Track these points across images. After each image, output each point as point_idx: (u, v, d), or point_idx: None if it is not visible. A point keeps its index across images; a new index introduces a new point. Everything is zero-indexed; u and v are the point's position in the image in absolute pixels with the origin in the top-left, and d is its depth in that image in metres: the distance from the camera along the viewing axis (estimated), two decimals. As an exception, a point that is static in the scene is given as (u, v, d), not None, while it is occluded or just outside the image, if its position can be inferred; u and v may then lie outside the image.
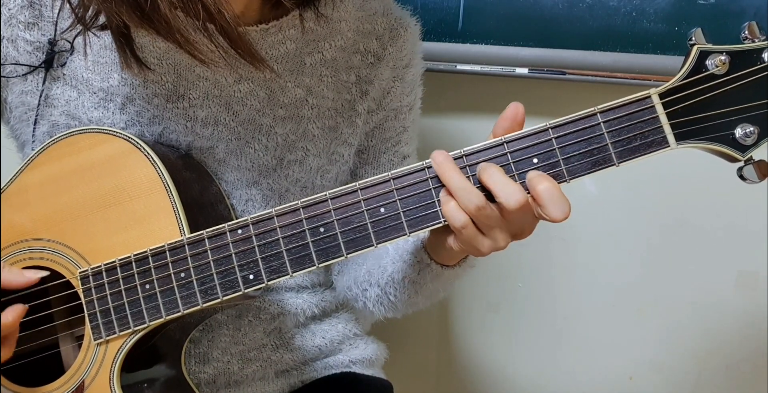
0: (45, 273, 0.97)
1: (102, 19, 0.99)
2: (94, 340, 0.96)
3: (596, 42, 1.38)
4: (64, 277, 0.99)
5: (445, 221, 0.86)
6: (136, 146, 0.97)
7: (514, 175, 0.84)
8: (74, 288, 0.98)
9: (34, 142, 1.07)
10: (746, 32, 0.81)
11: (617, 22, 1.36)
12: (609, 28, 1.37)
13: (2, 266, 0.96)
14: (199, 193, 1.01)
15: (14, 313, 0.94)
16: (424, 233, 0.96)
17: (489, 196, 0.83)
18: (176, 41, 0.91)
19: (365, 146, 1.19)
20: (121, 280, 0.95)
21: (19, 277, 0.96)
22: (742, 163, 0.83)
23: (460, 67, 1.45)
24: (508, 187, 0.82)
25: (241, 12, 1.02)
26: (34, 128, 1.06)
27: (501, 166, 0.85)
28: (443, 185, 0.85)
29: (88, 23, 0.99)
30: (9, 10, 1.03)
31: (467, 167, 0.85)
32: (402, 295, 1.09)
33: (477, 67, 1.45)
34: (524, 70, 1.43)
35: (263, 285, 0.90)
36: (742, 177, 0.84)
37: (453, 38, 1.44)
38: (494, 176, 0.83)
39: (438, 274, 1.00)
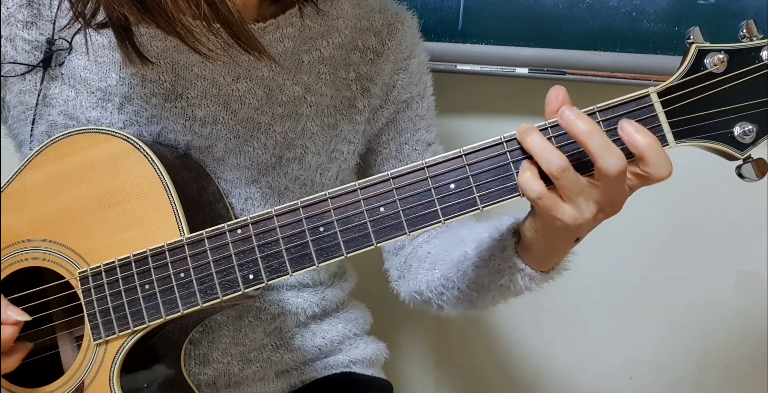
0: (27, 317, 0.95)
1: (101, 15, 0.99)
2: (94, 340, 0.96)
3: (596, 42, 1.38)
4: (63, 278, 0.99)
5: (519, 195, 0.84)
6: (134, 146, 0.97)
7: (513, 173, 0.84)
8: (73, 288, 0.98)
9: (32, 141, 1.07)
10: (744, 31, 0.81)
11: (617, 22, 1.36)
12: (609, 28, 1.37)
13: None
14: (197, 192, 1.01)
15: (10, 330, 0.94)
16: (509, 235, 0.95)
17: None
18: (177, 34, 0.91)
19: (383, 141, 1.20)
20: (120, 281, 0.95)
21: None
22: (740, 162, 0.83)
23: (460, 67, 1.45)
24: (611, 151, 0.79)
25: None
26: (32, 128, 1.06)
27: (500, 166, 0.84)
28: (446, 183, 0.85)
29: (87, 19, 0.99)
30: (7, 8, 1.03)
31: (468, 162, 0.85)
32: (485, 300, 1.07)
33: (477, 67, 1.45)
34: (524, 70, 1.43)
35: (263, 284, 0.90)
36: (740, 175, 0.84)
37: (453, 38, 1.44)
38: (594, 136, 0.79)
39: (531, 279, 0.97)
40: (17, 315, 0.95)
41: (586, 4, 1.36)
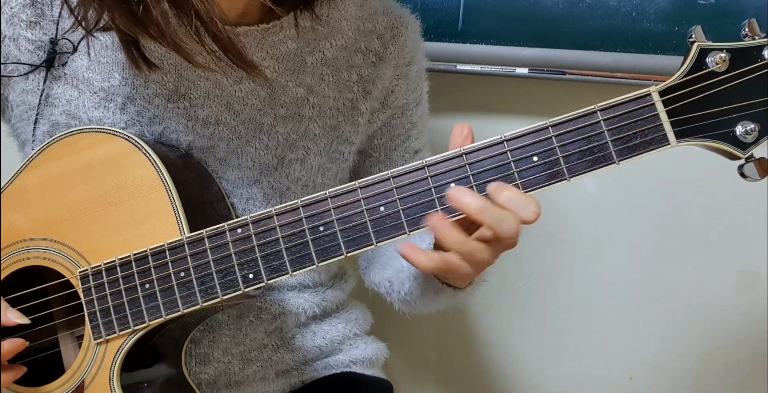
0: (26, 321, 0.96)
1: (103, 20, 0.99)
2: (94, 339, 0.96)
3: (596, 42, 1.38)
4: (64, 277, 0.99)
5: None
6: (136, 146, 0.97)
7: (514, 173, 0.84)
8: (74, 287, 0.98)
9: (34, 141, 1.07)
10: (746, 29, 0.81)
11: (617, 22, 1.36)
12: (609, 28, 1.37)
13: None
14: (198, 192, 1.01)
15: (12, 345, 0.94)
16: None
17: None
18: (169, 45, 0.91)
19: (374, 145, 1.20)
20: (120, 280, 0.95)
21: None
22: (742, 161, 0.83)
23: (460, 67, 1.45)
24: (506, 217, 0.82)
25: (242, 12, 1.03)
26: (35, 127, 1.07)
27: (501, 165, 0.85)
28: (446, 183, 0.85)
29: (90, 25, 0.99)
30: (11, 8, 1.03)
31: (469, 173, 0.85)
32: (423, 306, 1.12)
33: (477, 67, 1.45)
34: (524, 70, 1.43)
35: (263, 284, 0.90)
36: (743, 175, 0.84)
37: (453, 38, 1.44)
38: (487, 212, 0.82)
39: (452, 295, 1.02)
40: (17, 318, 0.95)
41: (586, 4, 1.36)
